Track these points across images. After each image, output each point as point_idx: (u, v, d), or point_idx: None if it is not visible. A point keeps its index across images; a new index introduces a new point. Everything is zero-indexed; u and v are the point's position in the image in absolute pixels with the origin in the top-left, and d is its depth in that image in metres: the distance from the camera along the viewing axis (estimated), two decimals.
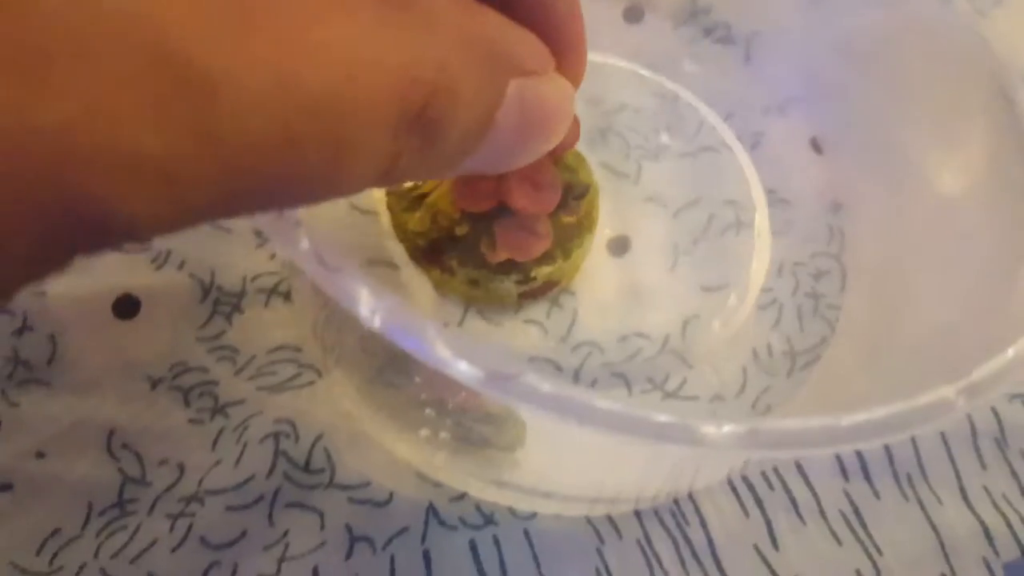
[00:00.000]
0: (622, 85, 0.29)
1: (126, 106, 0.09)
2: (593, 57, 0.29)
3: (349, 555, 0.23)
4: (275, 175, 0.10)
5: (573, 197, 0.22)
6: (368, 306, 0.13)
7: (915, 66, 0.25)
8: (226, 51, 0.09)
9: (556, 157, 0.22)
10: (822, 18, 0.29)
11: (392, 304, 0.13)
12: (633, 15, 0.31)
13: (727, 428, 0.13)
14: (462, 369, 0.13)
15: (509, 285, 0.24)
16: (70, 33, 0.08)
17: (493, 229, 0.22)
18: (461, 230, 0.23)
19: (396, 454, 0.24)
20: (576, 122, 0.22)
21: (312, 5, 0.10)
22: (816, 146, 0.29)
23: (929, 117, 0.25)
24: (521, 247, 0.22)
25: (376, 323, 0.13)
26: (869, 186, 0.27)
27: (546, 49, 0.15)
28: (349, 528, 0.23)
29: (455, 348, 0.13)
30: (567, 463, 0.21)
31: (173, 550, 0.22)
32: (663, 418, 0.13)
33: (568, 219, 0.23)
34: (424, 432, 0.21)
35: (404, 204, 0.24)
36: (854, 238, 0.27)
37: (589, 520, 0.24)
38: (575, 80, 0.16)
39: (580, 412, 0.13)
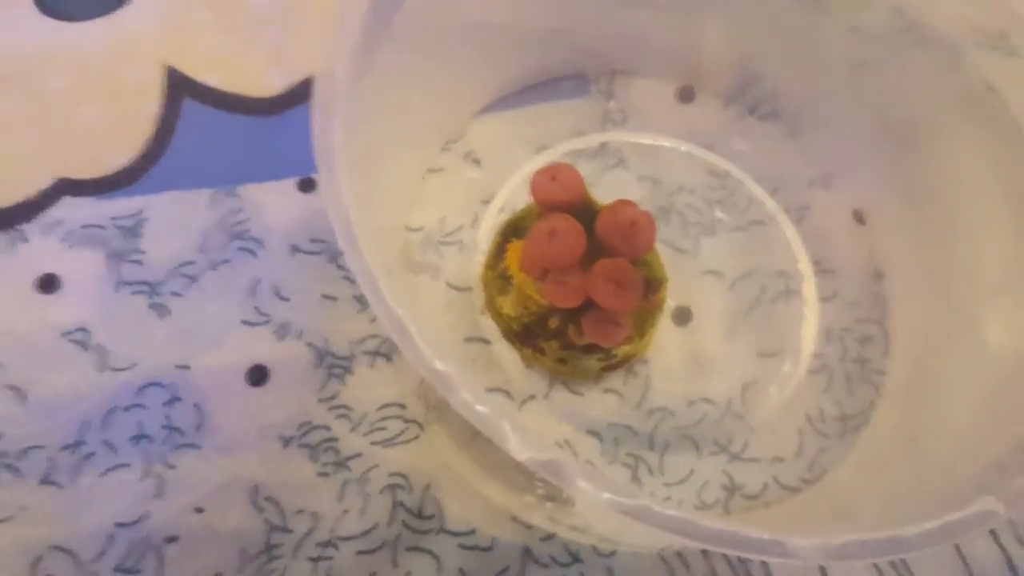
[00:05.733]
0: (679, 165, 0.33)
1: None
2: (653, 140, 0.33)
3: None
4: None
5: (650, 292, 0.25)
6: (516, 445, 0.17)
7: (954, 140, 0.28)
8: None
9: (635, 259, 0.25)
10: (863, 90, 0.31)
11: (535, 440, 0.17)
12: (686, 95, 0.34)
13: (812, 542, 0.17)
14: (597, 498, 0.17)
15: (593, 362, 0.27)
16: None
17: (580, 319, 0.26)
18: (554, 323, 0.26)
19: (492, 500, 0.28)
20: (652, 228, 0.25)
21: None
22: (859, 218, 0.32)
23: (969, 189, 0.28)
24: (605, 336, 0.25)
25: (523, 458, 0.17)
26: (909, 256, 0.30)
27: None
28: (462, 571, 0.27)
29: (594, 483, 0.17)
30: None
31: None
32: (760, 535, 0.17)
33: (644, 306, 0.27)
34: (529, 499, 0.25)
35: (499, 284, 0.28)
36: (896, 305, 0.30)
37: (662, 557, 0.28)
38: None
39: (691, 531, 0.17)
